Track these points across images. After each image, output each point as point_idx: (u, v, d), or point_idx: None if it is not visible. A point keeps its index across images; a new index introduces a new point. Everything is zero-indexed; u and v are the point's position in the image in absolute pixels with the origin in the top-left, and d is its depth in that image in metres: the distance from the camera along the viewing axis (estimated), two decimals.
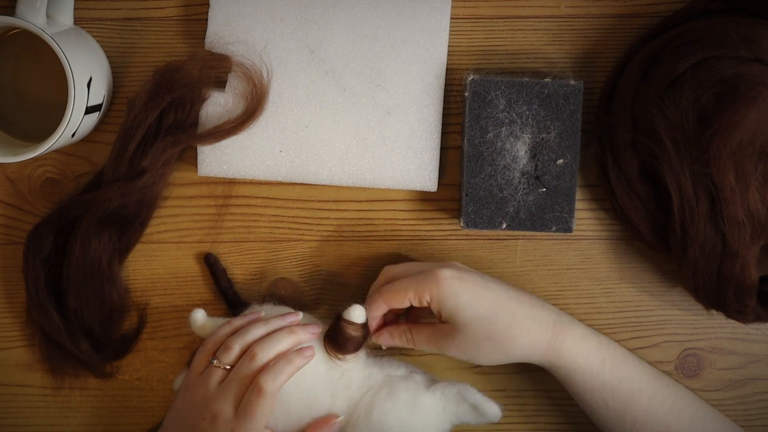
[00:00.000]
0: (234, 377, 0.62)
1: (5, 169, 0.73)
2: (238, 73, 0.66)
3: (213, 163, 0.71)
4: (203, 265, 0.73)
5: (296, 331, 0.65)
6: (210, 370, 0.64)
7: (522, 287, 0.73)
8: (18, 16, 0.65)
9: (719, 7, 0.68)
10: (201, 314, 0.69)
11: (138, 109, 0.68)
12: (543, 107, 0.68)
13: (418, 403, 0.65)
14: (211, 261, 0.73)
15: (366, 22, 0.70)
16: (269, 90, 0.68)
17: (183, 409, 0.64)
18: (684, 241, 0.66)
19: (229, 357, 0.63)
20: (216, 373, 0.63)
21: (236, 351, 0.63)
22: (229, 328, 0.66)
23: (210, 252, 0.73)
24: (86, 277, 0.70)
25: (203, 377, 0.64)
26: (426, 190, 0.71)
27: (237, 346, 0.63)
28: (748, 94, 0.63)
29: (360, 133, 0.71)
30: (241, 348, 0.64)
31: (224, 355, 0.64)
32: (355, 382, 0.66)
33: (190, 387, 0.65)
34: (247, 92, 0.67)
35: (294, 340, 0.64)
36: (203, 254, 0.73)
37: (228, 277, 0.73)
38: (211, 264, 0.73)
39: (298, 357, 0.64)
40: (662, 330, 0.74)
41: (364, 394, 0.65)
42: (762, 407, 0.74)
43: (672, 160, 0.65)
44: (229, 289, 0.73)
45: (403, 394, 0.65)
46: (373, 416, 0.65)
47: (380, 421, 0.64)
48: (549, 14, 0.72)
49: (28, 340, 0.74)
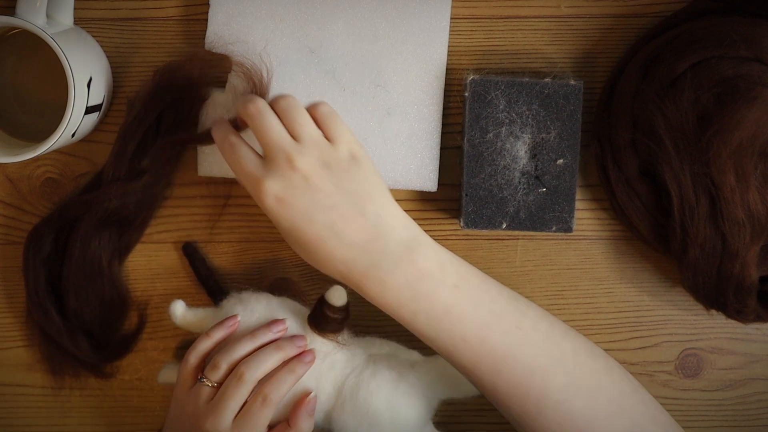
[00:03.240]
0: (223, 396, 0.62)
1: (5, 169, 0.73)
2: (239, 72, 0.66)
3: (213, 163, 0.71)
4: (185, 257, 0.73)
5: (283, 346, 0.64)
6: (198, 388, 0.63)
7: (522, 287, 0.73)
8: (18, 16, 0.65)
9: (719, 7, 0.68)
10: (180, 306, 0.69)
11: (138, 108, 0.68)
12: (543, 107, 0.68)
13: (402, 381, 0.66)
14: (189, 250, 0.73)
15: (366, 22, 0.70)
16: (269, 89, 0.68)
17: (178, 423, 0.64)
18: (684, 241, 0.66)
19: (217, 375, 0.63)
20: (204, 391, 0.63)
21: (224, 370, 0.63)
22: (210, 342, 0.65)
23: (188, 241, 0.73)
24: (86, 277, 0.70)
25: (193, 394, 0.64)
26: (426, 190, 0.71)
27: (224, 365, 0.63)
28: (748, 94, 0.63)
29: (360, 133, 0.71)
30: (228, 366, 0.63)
31: (212, 374, 0.63)
32: (338, 364, 0.66)
33: (180, 401, 0.65)
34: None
35: (281, 357, 0.64)
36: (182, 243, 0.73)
37: (207, 265, 0.73)
38: (189, 253, 0.73)
39: (300, 365, 0.64)
40: (662, 330, 0.74)
41: (348, 375, 0.66)
42: (762, 407, 0.74)
43: (672, 160, 0.65)
44: (209, 277, 0.72)
45: (387, 372, 0.66)
46: (359, 397, 0.65)
47: (366, 401, 0.65)
48: (549, 14, 0.72)
49: (28, 340, 0.74)
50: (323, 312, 0.65)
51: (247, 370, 0.62)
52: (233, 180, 0.73)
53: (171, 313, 0.69)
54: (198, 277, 0.73)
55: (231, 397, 0.62)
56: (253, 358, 0.63)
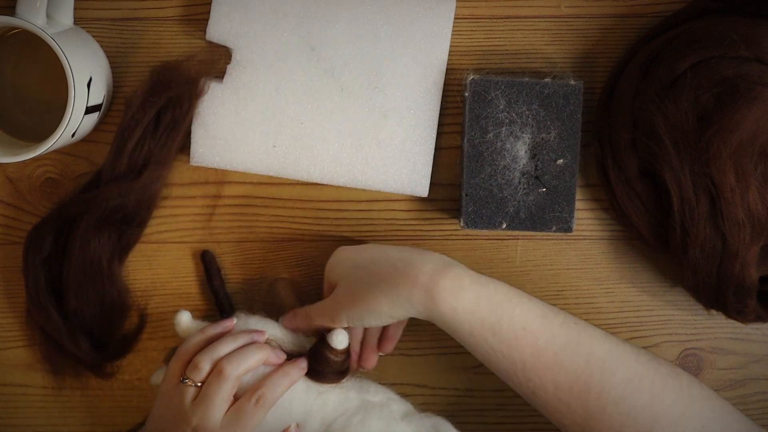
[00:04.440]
0: (207, 392, 0.63)
1: (5, 169, 0.73)
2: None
3: (206, 154, 0.71)
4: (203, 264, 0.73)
5: (264, 346, 0.65)
6: (182, 388, 0.64)
7: (522, 287, 0.73)
8: (18, 16, 0.65)
9: (719, 7, 0.68)
10: (186, 317, 0.69)
11: (135, 107, 0.68)
12: (543, 107, 0.68)
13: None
14: (207, 258, 0.73)
15: (368, 23, 0.70)
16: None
17: (162, 419, 0.65)
18: (684, 241, 0.66)
19: (199, 375, 0.63)
20: (188, 391, 0.63)
21: (206, 369, 0.63)
22: (201, 337, 0.66)
23: (208, 249, 0.73)
24: (86, 276, 0.70)
25: (178, 392, 0.64)
26: (417, 195, 0.71)
27: (206, 364, 0.63)
28: (748, 94, 0.63)
29: (355, 133, 0.71)
30: (210, 365, 0.64)
31: (194, 373, 0.64)
32: (330, 404, 0.66)
33: (166, 396, 0.65)
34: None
35: (262, 356, 0.64)
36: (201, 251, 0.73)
37: (222, 277, 0.73)
38: (206, 261, 0.73)
39: (295, 369, 0.64)
40: (662, 330, 0.74)
41: (338, 418, 0.65)
42: (762, 407, 0.74)
43: (672, 160, 0.65)
44: (220, 288, 0.73)
45: (377, 421, 0.65)
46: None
47: None
48: (549, 14, 0.72)
49: (28, 340, 0.74)
50: (324, 354, 0.65)
51: (228, 366, 0.63)
52: (233, 180, 0.73)
53: (176, 322, 0.69)
54: (210, 286, 0.73)
55: (214, 392, 0.62)
56: (234, 355, 0.64)
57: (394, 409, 0.67)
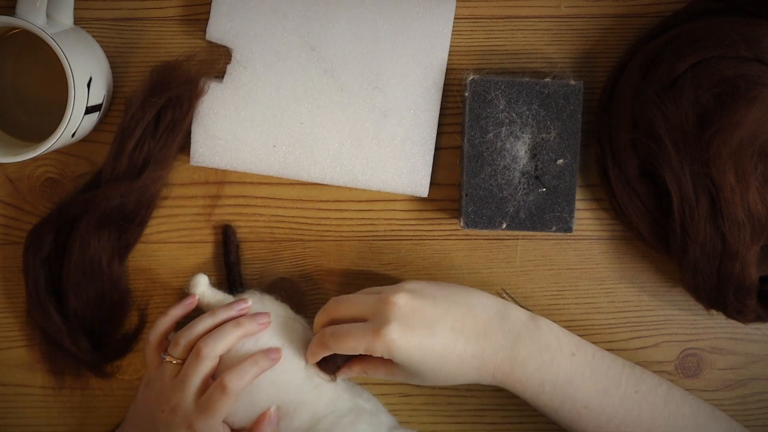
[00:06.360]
0: (185, 373, 0.64)
1: (5, 169, 0.73)
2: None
3: (206, 154, 0.71)
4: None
5: (243, 323, 0.65)
6: (164, 366, 0.65)
7: (522, 287, 0.73)
8: (18, 16, 0.65)
9: (719, 7, 0.68)
10: (204, 280, 0.69)
11: (135, 107, 0.68)
12: (543, 107, 0.68)
13: None
14: (228, 232, 0.72)
15: (368, 23, 0.70)
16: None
17: (143, 403, 0.66)
18: (684, 241, 0.66)
19: (177, 351, 0.65)
20: (168, 367, 0.65)
21: (182, 345, 0.65)
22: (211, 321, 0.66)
23: (229, 224, 0.73)
24: (86, 276, 0.70)
25: (160, 371, 0.66)
26: (417, 195, 0.71)
27: (183, 341, 0.65)
28: (748, 94, 0.63)
29: (355, 134, 0.71)
30: (186, 342, 0.65)
31: (173, 350, 0.65)
32: (323, 400, 0.66)
33: (150, 382, 0.66)
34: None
35: (240, 333, 0.65)
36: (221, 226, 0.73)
37: (239, 254, 0.73)
38: (227, 235, 0.72)
39: (264, 359, 0.64)
40: (662, 330, 0.74)
41: (328, 414, 0.66)
42: (762, 407, 0.74)
43: (672, 160, 0.65)
44: (235, 265, 0.72)
45: (365, 427, 0.66)
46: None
47: None
48: (549, 14, 0.72)
49: (28, 340, 0.74)
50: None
51: (205, 347, 0.63)
52: (233, 180, 0.73)
53: (194, 282, 0.69)
54: (226, 261, 0.73)
55: (192, 373, 0.63)
56: (212, 334, 0.64)
57: (383, 420, 0.68)
